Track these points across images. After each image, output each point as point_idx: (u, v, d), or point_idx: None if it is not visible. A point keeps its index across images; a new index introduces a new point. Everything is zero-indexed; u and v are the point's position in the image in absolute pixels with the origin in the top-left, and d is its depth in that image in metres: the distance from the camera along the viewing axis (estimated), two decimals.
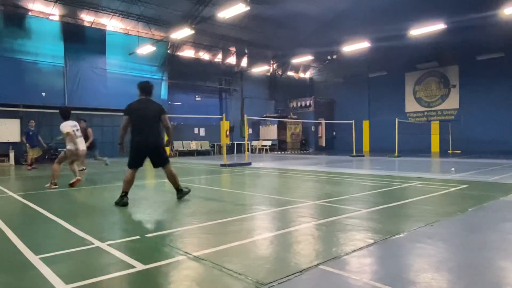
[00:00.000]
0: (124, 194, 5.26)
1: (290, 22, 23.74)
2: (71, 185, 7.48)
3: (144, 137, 5.32)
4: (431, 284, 2.34)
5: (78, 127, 7.79)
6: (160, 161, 5.54)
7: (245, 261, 2.84)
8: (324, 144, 28.89)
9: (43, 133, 17.27)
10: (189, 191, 5.81)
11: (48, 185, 7.45)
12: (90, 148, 10.81)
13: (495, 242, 3.33)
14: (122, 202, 5.19)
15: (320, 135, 29.11)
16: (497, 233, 3.64)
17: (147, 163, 5.60)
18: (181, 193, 5.68)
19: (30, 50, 17.06)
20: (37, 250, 3.14)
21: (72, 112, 17.50)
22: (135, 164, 5.39)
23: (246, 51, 26.68)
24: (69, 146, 7.50)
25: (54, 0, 17.55)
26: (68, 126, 7.51)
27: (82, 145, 7.76)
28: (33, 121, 13.47)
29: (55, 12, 18.31)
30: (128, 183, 5.33)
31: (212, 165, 13.90)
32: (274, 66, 29.27)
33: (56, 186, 7.40)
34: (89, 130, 11.38)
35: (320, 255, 2.97)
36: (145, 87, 5.52)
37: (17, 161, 16.02)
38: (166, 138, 5.78)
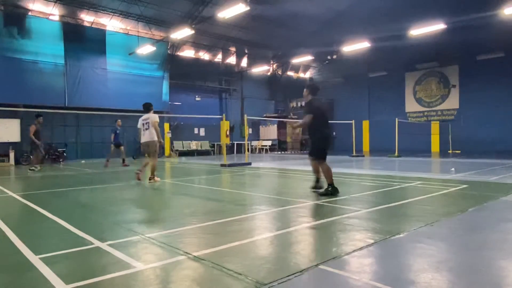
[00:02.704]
0: (331, 185, 5.87)
1: (290, 22, 23.72)
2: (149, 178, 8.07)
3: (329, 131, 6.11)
4: (431, 284, 2.34)
5: (148, 120, 7.93)
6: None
7: (245, 261, 2.84)
8: None
9: (43, 133, 17.28)
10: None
11: (151, 181, 8.03)
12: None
13: (495, 242, 3.33)
14: (335, 191, 5.85)
15: None
16: (497, 233, 3.63)
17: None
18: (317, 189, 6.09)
19: (30, 50, 17.04)
20: (37, 250, 3.14)
21: (72, 112, 17.31)
22: (326, 155, 6.07)
23: (246, 51, 26.66)
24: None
25: (54, 0, 17.55)
26: (139, 122, 8.02)
27: (144, 138, 7.95)
28: (120, 120, 14.54)
29: (55, 12, 18.30)
30: (330, 175, 5.90)
31: (212, 165, 13.90)
32: (274, 66, 29.25)
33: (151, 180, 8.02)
34: (31, 127, 11.86)
35: (320, 255, 2.98)
36: (316, 89, 6.51)
37: (17, 161, 16.01)
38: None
